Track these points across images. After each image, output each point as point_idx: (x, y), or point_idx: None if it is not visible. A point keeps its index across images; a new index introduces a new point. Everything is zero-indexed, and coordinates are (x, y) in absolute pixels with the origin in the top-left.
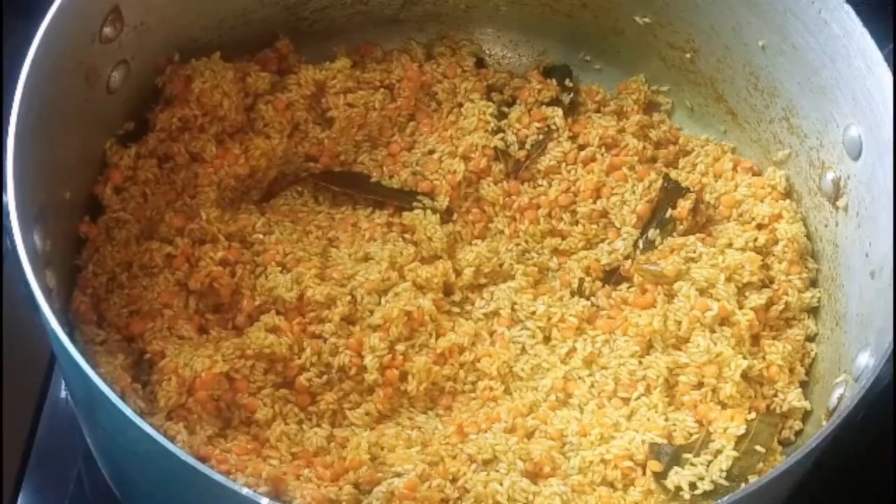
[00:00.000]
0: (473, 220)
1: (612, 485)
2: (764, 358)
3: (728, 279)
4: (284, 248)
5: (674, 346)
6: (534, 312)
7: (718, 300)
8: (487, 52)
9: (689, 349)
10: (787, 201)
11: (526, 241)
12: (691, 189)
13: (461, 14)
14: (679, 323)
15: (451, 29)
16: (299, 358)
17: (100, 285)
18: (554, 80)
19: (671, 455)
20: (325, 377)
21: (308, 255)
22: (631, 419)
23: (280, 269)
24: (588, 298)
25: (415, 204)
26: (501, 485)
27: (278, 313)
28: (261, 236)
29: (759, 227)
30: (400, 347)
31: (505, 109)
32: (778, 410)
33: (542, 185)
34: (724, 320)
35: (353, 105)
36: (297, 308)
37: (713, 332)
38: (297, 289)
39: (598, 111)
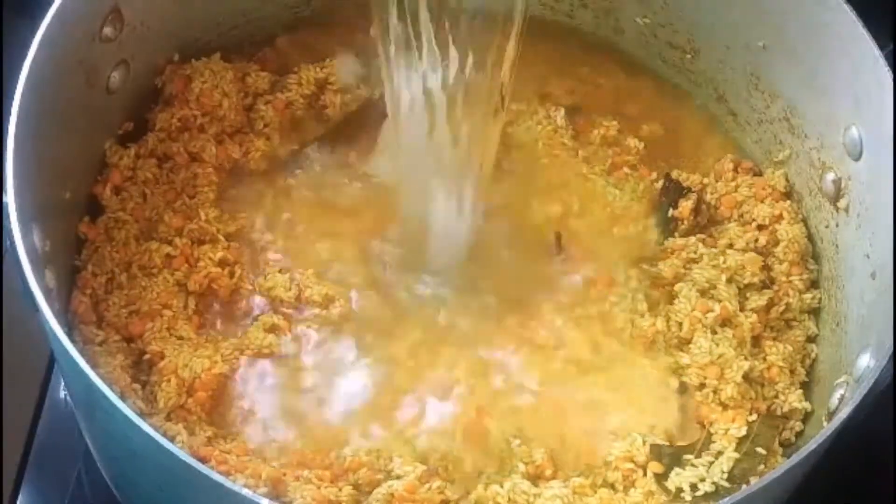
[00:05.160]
0: None
1: (613, 486)
2: (765, 359)
3: (729, 280)
4: None
5: (676, 347)
6: None
7: (720, 301)
8: None
9: (691, 350)
10: (788, 202)
11: None
12: (692, 189)
13: None
14: (680, 324)
15: None
16: None
17: (99, 286)
18: None
19: (672, 456)
20: None
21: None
22: None
23: (279, 269)
24: None
25: None
26: (502, 487)
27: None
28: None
29: (760, 227)
30: None
31: None
32: (779, 412)
33: None
34: (726, 321)
35: None
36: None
37: (715, 332)
38: (295, 289)
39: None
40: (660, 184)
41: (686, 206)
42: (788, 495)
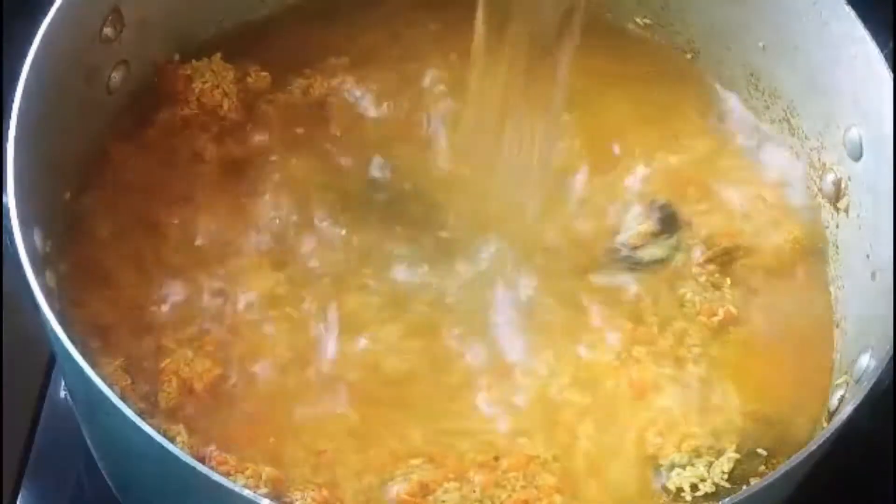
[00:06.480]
0: None
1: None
2: None
3: (733, 281)
4: None
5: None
6: None
7: (724, 304)
8: None
9: None
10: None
11: None
12: None
13: None
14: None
15: None
16: None
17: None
18: None
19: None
20: None
21: None
22: None
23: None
24: None
25: None
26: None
27: None
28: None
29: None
30: None
31: None
32: None
33: None
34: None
35: None
36: None
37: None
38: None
39: None
40: None
41: None
42: (789, 496)
